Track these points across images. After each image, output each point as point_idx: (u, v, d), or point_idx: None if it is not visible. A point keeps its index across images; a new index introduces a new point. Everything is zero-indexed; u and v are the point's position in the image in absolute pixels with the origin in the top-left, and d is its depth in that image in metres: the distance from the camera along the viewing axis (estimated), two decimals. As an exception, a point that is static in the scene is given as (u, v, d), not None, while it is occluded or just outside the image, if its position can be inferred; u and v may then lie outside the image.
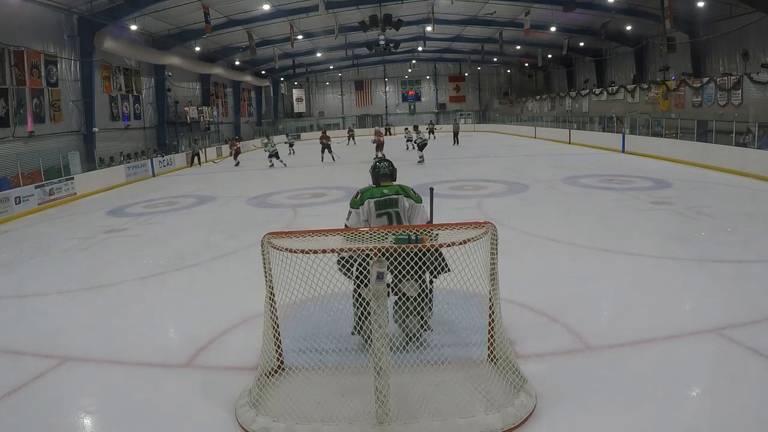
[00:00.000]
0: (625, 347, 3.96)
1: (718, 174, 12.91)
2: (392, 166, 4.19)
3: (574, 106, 31.58)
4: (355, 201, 3.96)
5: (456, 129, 28.00)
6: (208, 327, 4.67)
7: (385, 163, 4.19)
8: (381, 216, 3.88)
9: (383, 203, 3.89)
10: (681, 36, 22.48)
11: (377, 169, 4.12)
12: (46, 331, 4.89)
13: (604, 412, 3.19)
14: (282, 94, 46.51)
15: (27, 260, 7.83)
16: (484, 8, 26.22)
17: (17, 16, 15.62)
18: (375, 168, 4.14)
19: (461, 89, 46.91)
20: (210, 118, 30.66)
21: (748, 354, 3.78)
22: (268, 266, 3.43)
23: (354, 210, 3.94)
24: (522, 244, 6.92)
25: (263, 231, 3.61)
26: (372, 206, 3.90)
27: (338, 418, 3.07)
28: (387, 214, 3.88)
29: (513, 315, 4.43)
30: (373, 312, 3.00)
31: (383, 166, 4.14)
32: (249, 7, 23.35)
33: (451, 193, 11.67)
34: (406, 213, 3.92)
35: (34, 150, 15.45)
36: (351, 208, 3.97)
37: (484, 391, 3.26)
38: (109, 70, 21.15)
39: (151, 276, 6.55)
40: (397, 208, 3.91)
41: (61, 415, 3.51)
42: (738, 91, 17.72)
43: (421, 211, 3.96)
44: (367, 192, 3.97)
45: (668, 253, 6.31)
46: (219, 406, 3.41)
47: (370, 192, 3.97)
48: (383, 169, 4.11)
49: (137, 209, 12.05)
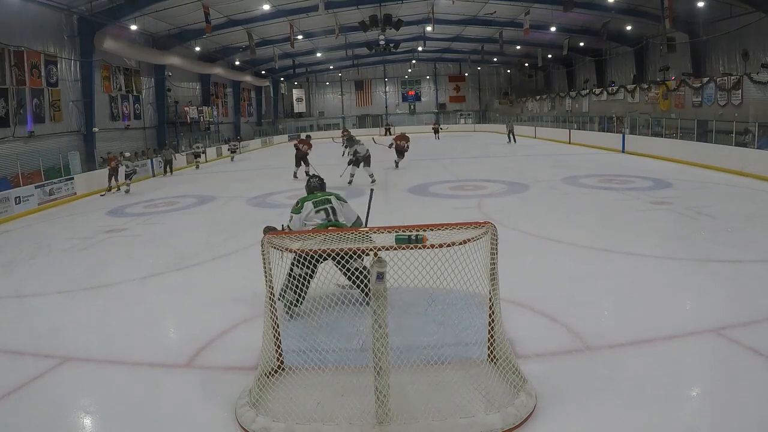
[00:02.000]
0: (625, 347, 3.96)
1: (718, 174, 12.91)
2: (322, 180, 5.35)
3: (574, 106, 31.58)
4: (296, 208, 4.85)
5: (510, 128, 27.39)
6: (208, 327, 4.67)
7: (315, 178, 5.36)
8: (319, 211, 4.75)
9: (319, 202, 4.83)
10: (681, 36, 22.48)
11: (310, 183, 5.28)
12: (46, 331, 4.89)
13: (604, 412, 3.19)
14: (282, 94, 46.52)
15: (27, 260, 7.83)
16: (484, 8, 26.22)
17: (17, 16, 15.62)
18: (308, 183, 5.31)
19: (461, 89, 46.90)
20: (210, 118, 30.66)
21: (748, 354, 3.78)
22: (268, 266, 3.43)
23: (295, 215, 4.80)
24: (522, 244, 6.92)
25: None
26: (311, 206, 4.78)
27: (338, 418, 3.07)
28: (324, 210, 4.77)
29: (513, 315, 4.43)
30: (373, 312, 3.01)
31: (314, 181, 5.29)
32: (249, 7, 23.35)
33: (451, 193, 11.67)
34: (340, 210, 4.83)
35: (34, 150, 15.45)
36: (292, 213, 4.85)
37: (484, 391, 3.25)
38: (109, 70, 21.15)
39: (151, 276, 6.55)
40: (332, 205, 4.82)
41: (61, 415, 3.51)
42: (738, 91, 17.72)
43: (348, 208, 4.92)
44: (305, 199, 4.92)
45: (668, 253, 6.31)
46: (219, 406, 3.41)
47: (307, 198, 4.94)
48: (314, 182, 5.27)
49: (137, 209, 12.05)
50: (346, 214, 4.86)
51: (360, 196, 10.10)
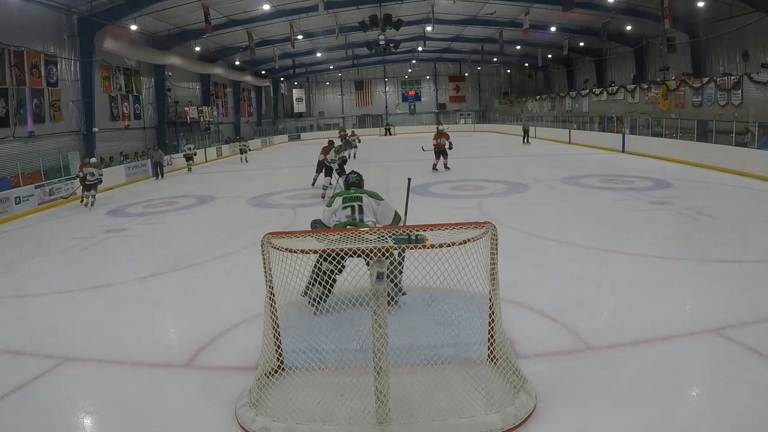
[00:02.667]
0: (625, 347, 3.96)
1: (719, 174, 12.90)
2: (360, 176, 5.32)
3: (574, 106, 31.59)
4: (329, 201, 5.01)
5: (526, 127, 27.26)
6: (208, 327, 4.67)
7: (354, 174, 5.35)
8: (346, 208, 4.77)
9: (349, 199, 4.83)
10: (681, 36, 22.49)
11: (348, 179, 5.29)
12: (46, 331, 4.89)
13: (604, 412, 3.19)
14: (282, 94, 46.52)
15: (27, 260, 7.83)
16: (484, 8, 26.22)
17: (17, 16, 15.62)
18: (347, 178, 5.34)
19: (461, 89, 46.91)
20: (210, 118, 30.67)
21: (748, 354, 3.78)
22: (268, 266, 3.43)
23: (327, 208, 4.90)
24: (522, 244, 6.92)
25: (263, 231, 3.61)
26: (340, 202, 4.83)
27: (338, 418, 3.07)
28: (351, 207, 4.77)
29: (513, 315, 4.43)
30: (373, 312, 3.01)
31: (353, 177, 5.29)
32: (249, 7, 23.35)
33: (451, 193, 11.67)
34: (373, 208, 4.80)
35: (34, 150, 15.46)
36: (325, 207, 4.98)
37: (484, 391, 3.25)
38: (109, 70, 21.15)
39: (151, 276, 6.55)
40: (361, 203, 4.78)
41: (61, 415, 3.51)
42: (738, 91, 17.72)
43: (385, 206, 4.89)
44: (339, 193, 5.05)
45: (668, 253, 6.31)
46: (219, 406, 3.41)
47: (341, 193, 5.04)
48: (352, 178, 5.27)
49: (137, 209, 12.05)
50: (382, 212, 4.81)
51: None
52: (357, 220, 4.66)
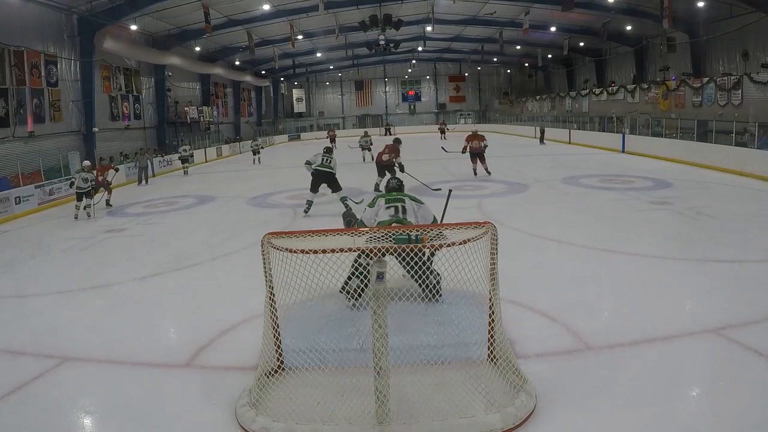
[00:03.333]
0: (625, 347, 3.95)
1: (718, 174, 12.90)
2: (401, 182, 5.60)
3: (574, 106, 31.59)
4: (371, 203, 5.14)
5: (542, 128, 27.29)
6: (208, 327, 4.67)
7: (395, 180, 5.57)
8: (389, 207, 4.92)
9: (392, 200, 5.02)
10: (681, 36, 22.50)
11: (389, 183, 5.55)
12: (46, 331, 4.89)
13: (604, 412, 3.19)
14: (282, 94, 46.52)
15: (27, 260, 7.83)
16: (484, 8, 26.23)
17: (17, 16, 15.62)
18: (388, 183, 5.59)
19: (461, 89, 46.92)
20: (210, 118, 30.67)
21: (748, 354, 3.78)
22: (268, 266, 3.43)
23: (369, 209, 5.06)
24: (522, 244, 6.92)
25: (263, 231, 3.61)
26: (383, 202, 5.01)
27: (338, 418, 3.07)
28: (395, 207, 4.93)
29: (513, 315, 4.43)
30: (373, 312, 3.01)
31: (394, 182, 5.54)
32: (249, 7, 23.36)
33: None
34: (414, 210, 4.96)
35: (34, 150, 15.45)
36: (367, 207, 5.13)
37: (484, 391, 3.25)
38: (109, 70, 21.15)
39: (150, 276, 6.55)
40: (404, 204, 4.96)
41: (61, 415, 3.51)
42: (738, 91, 17.73)
43: (426, 209, 5.03)
44: (380, 195, 5.20)
45: (668, 253, 6.31)
46: (219, 406, 3.40)
47: (383, 195, 5.21)
48: (393, 183, 5.53)
49: (137, 209, 12.05)
50: (423, 215, 4.99)
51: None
52: (402, 218, 4.85)
